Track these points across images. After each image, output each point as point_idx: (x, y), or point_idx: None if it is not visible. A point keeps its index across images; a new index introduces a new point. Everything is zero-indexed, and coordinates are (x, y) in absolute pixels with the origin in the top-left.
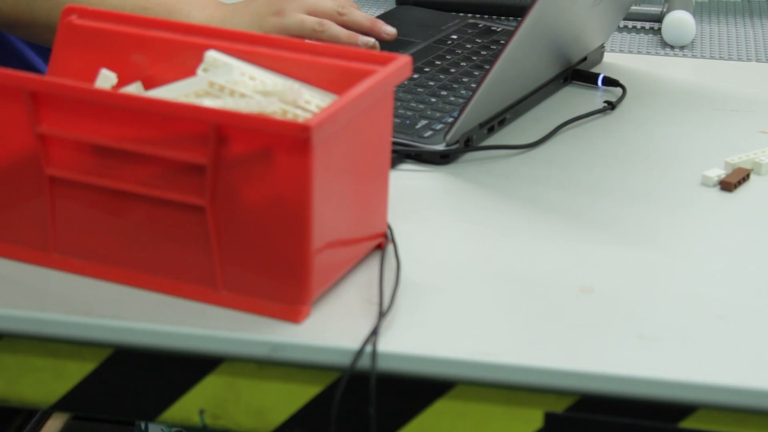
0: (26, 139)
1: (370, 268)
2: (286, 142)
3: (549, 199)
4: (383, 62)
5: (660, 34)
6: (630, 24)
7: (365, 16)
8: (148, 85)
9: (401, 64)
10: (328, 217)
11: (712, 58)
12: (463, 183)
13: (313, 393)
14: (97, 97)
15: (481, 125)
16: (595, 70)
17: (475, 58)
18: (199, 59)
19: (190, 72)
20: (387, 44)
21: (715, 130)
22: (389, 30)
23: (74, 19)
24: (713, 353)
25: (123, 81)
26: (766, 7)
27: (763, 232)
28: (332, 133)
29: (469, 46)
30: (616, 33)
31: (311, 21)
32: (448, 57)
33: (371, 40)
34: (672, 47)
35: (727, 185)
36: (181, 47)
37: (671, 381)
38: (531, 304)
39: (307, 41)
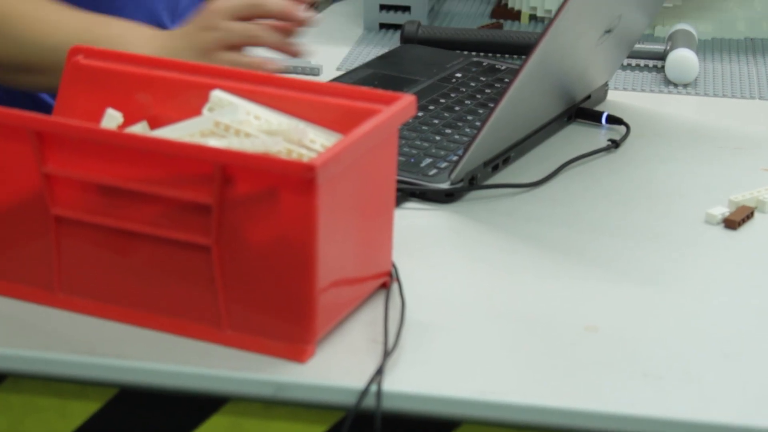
0: (32, 178)
1: (375, 307)
2: (291, 182)
3: (553, 237)
4: (388, 101)
5: (663, 72)
6: (633, 62)
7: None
8: (154, 124)
9: (406, 103)
10: (333, 256)
11: (715, 96)
12: (467, 221)
13: None
14: (103, 137)
15: (486, 163)
16: (598, 108)
17: (479, 96)
18: (204, 99)
19: (195, 111)
20: (392, 83)
21: (718, 167)
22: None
23: (80, 59)
24: (718, 392)
25: (129, 120)
26: None
27: (767, 270)
28: (337, 173)
29: (473, 84)
30: (620, 71)
31: (239, 29)
32: (452, 95)
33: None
34: (675, 85)
35: (731, 223)
36: (186, 87)
37: (676, 420)
38: (536, 342)
39: (311, 80)
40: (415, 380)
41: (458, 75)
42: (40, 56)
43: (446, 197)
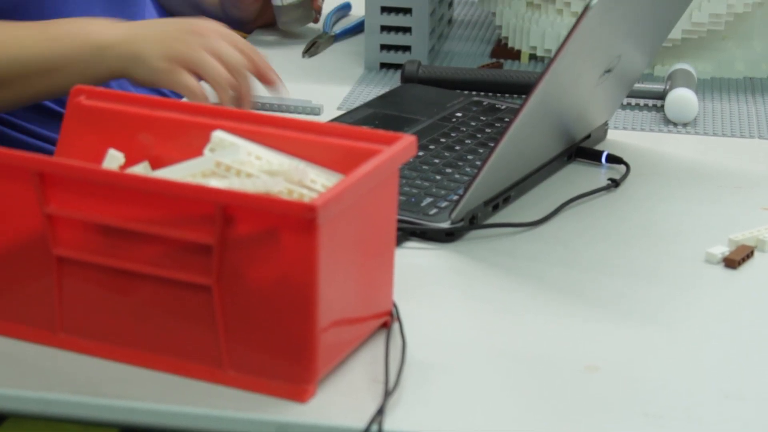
0: (34, 219)
1: (376, 347)
2: (292, 222)
3: (554, 277)
4: (389, 141)
5: (663, 111)
6: (633, 101)
7: (248, 89)
8: (156, 164)
9: (406, 143)
10: (334, 296)
11: (715, 135)
12: (468, 261)
13: None
14: (105, 177)
15: (486, 203)
16: (598, 147)
17: (479, 135)
18: (205, 139)
19: (197, 151)
20: (392, 122)
21: (718, 207)
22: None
23: (82, 99)
24: None
25: (130, 161)
26: None
27: (767, 309)
28: (338, 213)
29: (473, 123)
30: (620, 110)
31: (225, 49)
32: (452, 134)
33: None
34: (675, 124)
35: (731, 262)
36: (188, 127)
37: None
38: (536, 382)
39: (312, 121)
40: (416, 420)
41: (458, 114)
42: (4, 70)
43: (447, 237)
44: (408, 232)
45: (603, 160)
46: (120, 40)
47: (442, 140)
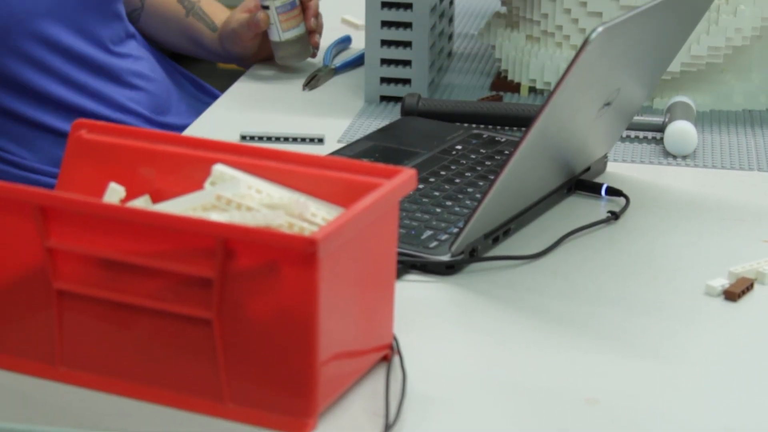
0: (35, 252)
1: (376, 380)
2: (292, 256)
3: (554, 310)
4: (389, 175)
5: (662, 144)
6: (632, 134)
7: None
8: (156, 198)
9: (406, 177)
10: (334, 329)
11: (714, 167)
12: (468, 293)
13: None
14: (106, 211)
15: (486, 236)
16: (598, 179)
17: (479, 168)
18: (206, 172)
19: (197, 185)
20: (393, 155)
21: (718, 239)
22: None
23: (83, 133)
24: None
25: (131, 194)
26: (767, 117)
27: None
28: (338, 246)
29: (473, 156)
30: (619, 143)
31: None
32: (452, 167)
33: None
34: (674, 157)
35: (731, 295)
36: (188, 161)
37: None
38: (537, 414)
39: (312, 155)
40: None
41: (458, 147)
42: None
43: (447, 269)
44: (408, 265)
45: (603, 192)
46: None
47: (442, 173)
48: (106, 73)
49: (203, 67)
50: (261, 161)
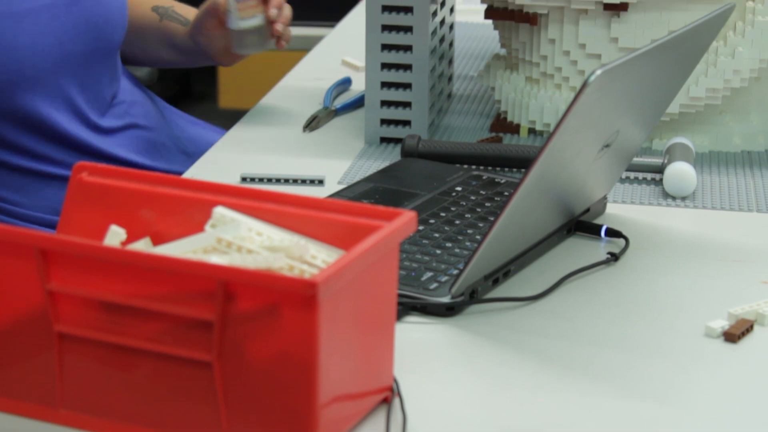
0: (36, 295)
1: (377, 422)
2: (292, 299)
3: (554, 351)
4: (389, 218)
5: (661, 185)
6: (632, 175)
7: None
8: (157, 240)
9: (406, 219)
10: (335, 371)
11: (713, 208)
12: (468, 335)
13: None
14: (106, 254)
15: (486, 277)
16: (598, 221)
17: (479, 209)
18: (206, 215)
19: (198, 227)
20: (393, 197)
21: (717, 280)
22: None
23: (84, 176)
24: None
25: (132, 236)
26: (765, 158)
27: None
28: (338, 289)
29: (473, 197)
30: (619, 184)
31: None
32: (452, 209)
33: None
34: (673, 198)
35: (731, 336)
36: (189, 203)
37: None
38: None
39: (312, 197)
40: None
41: (458, 188)
42: None
43: (447, 311)
44: (408, 307)
45: (602, 233)
46: None
47: (442, 214)
48: (95, 153)
49: (203, 108)
50: (261, 204)
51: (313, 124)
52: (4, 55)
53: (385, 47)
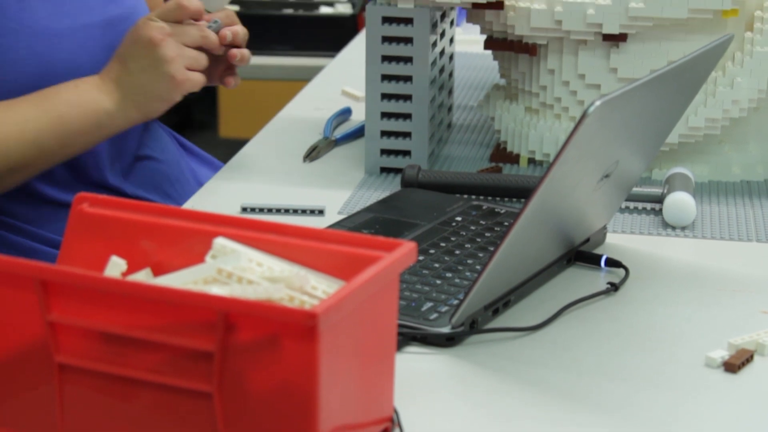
0: (36, 326)
1: None
2: (293, 329)
3: (555, 382)
4: (389, 248)
5: (661, 215)
6: (631, 205)
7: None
8: (157, 271)
9: (406, 250)
10: (335, 402)
11: (713, 238)
12: (468, 365)
13: None
14: (107, 285)
15: (486, 307)
16: (597, 251)
17: (479, 239)
18: (207, 245)
19: (198, 258)
20: (393, 227)
21: (717, 310)
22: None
23: (85, 207)
24: None
25: (132, 267)
26: (765, 188)
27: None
28: (339, 320)
29: (473, 227)
30: (618, 214)
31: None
32: (452, 239)
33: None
34: (673, 228)
35: (731, 367)
36: (189, 234)
37: None
38: None
39: (312, 228)
40: None
41: (458, 218)
42: (23, 154)
43: (447, 341)
44: (408, 337)
45: (602, 263)
46: (122, 96)
47: (442, 244)
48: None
49: (203, 137)
50: (262, 234)
51: (313, 154)
52: (43, 70)
53: (385, 78)
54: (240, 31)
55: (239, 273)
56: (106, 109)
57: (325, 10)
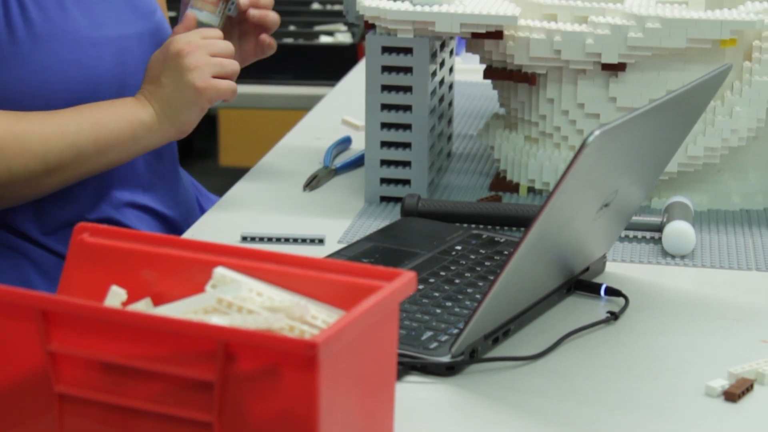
0: (36, 356)
1: None
2: (293, 359)
3: (555, 412)
4: (389, 278)
5: (661, 243)
6: (631, 234)
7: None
8: (158, 300)
9: (406, 279)
10: (335, 431)
11: (712, 267)
12: (468, 395)
13: None
14: (107, 315)
15: (486, 336)
16: (597, 279)
17: (479, 268)
18: (207, 275)
19: (199, 287)
20: (393, 256)
21: (717, 339)
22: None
23: (86, 237)
24: None
25: (133, 297)
26: (764, 217)
27: None
28: (339, 349)
29: (473, 256)
30: (618, 243)
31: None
32: (452, 268)
33: None
34: (673, 257)
35: (731, 396)
36: (189, 264)
37: None
38: None
39: (312, 257)
40: None
41: (458, 247)
42: (61, 155)
43: (447, 371)
44: (408, 366)
45: (602, 292)
46: (156, 110)
47: (442, 273)
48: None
49: (203, 166)
50: (262, 264)
51: (313, 183)
52: (86, 76)
53: (385, 107)
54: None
55: (239, 303)
56: (141, 120)
57: (325, 39)
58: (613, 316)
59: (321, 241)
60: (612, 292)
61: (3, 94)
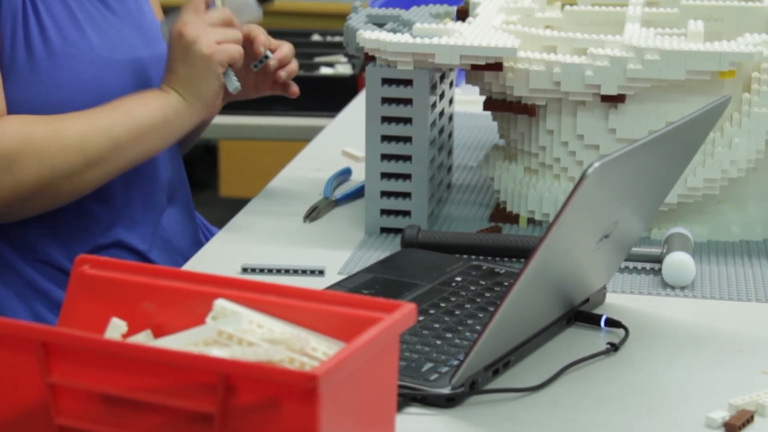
0: (37, 389)
1: None
2: (293, 391)
3: None
4: (389, 310)
5: (661, 275)
6: (631, 265)
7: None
8: (158, 332)
9: (406, 311)
10: None
11: (712, 298)
12: (469, 426)
13: None
14: (107, 347)
15: (486, 368)
16: (597, 310)
17: (479, 300)
18: (208, 307)
19: (199, 319)
20: (393, 287)
21: (717, 371)
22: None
23: (86, 269)
24: None
25: (133, 329)
26: (764, 248)
27: None
28: (339, 381)
29: (473, 288)
30: (618, 274)
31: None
32: (452, 299)
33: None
34: (673, 288)
35: (732, 427)
36: (190, 296)
37: None
38: None
39: (312, 289)
40: None
41: (458, 279)
42: (99, 146)
43: (447, 402)
44: (409, 398)
45: (602, 323)
46: (180, 92)
47: (442, 305)
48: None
49: (204, 196)
50: (262, 296)
51: (313, 214)
52: (101, 94)
53: (385, 138)
54: (287, 53)
55: (240, 335)
56: (169, 102)
57: (325, 70)
58: (614, 348)
59: (321, 273)
60: (612, 323)
61: (23, 112)
